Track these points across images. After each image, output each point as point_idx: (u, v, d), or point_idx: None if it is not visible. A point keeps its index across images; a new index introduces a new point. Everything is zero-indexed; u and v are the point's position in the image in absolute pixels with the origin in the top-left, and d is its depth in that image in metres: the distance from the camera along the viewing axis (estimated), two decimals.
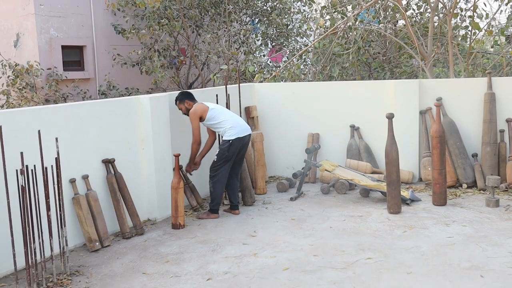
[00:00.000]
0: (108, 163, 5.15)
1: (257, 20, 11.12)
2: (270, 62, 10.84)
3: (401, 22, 10.21)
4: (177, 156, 5.39)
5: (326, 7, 9.60)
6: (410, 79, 8.65)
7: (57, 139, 4.16)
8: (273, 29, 10.94)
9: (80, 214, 4.77)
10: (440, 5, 8.86)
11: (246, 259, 4.44)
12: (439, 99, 6.64)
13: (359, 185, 6.06)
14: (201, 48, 10.42)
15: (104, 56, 9.80)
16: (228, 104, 6.39)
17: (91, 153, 5.01)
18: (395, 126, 5.69)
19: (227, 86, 6.55)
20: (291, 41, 11.17)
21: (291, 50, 10.93)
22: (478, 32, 8.45)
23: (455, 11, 8.29)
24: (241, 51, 10.44)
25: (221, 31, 10.09)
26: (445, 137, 5.85)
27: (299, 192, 6.40)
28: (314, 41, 9.74)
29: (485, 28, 8.60)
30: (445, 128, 6.28)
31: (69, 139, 4.76)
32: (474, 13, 8.30)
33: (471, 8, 8.40)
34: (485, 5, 8.90)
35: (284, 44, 11.12)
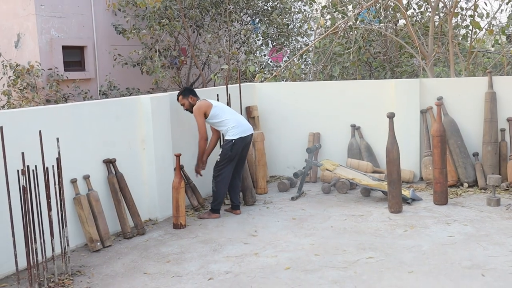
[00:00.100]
0: (109, 163, 5.16)
1: (257, 20, 11.12)
2: (270, 62, 10.84)
3: (401, 22, 10.20)
4: (178, 156, 5.39)
5: (326, 6, 9.61)
6: (411, 78, 8.64)
7: (58, 139, 4.16)
8: (273, 28, 10.94)
9: (81, 214, 4.77)
10: (441, 5, 8.86)
11: (247, 259, 4.45)
12: (440, 98, 6.64)
13: (360, 184, 6.06)
14: (201, 48, 10.42)
15: (105, 56, 9.81)
16: (229, 104, 6.39)
17: (92, 153, 5.01)
18: (396, 125, 5.69)
19: (228, 86, 6.56)
20: (291, 40, 11.18)
21: (292, 50, 10.94)
22: (478, 31, 8.44)
23: (455, 10, 8.29)
24: (241, 51, 10.44)
25: (221, 31, 10.10)
26: (446, 136, 5.84)
27: (300, 191, 6.40)
28: (314, 40, 9.74)
29: (485, 27, 8.60)
30: (446, 127, 6.28)
31: (70, 139, 4.76)
32: (475, 12, 8.30)
33: (472, 7, 8.40)
34: (486, 4, 8.95)
35: (285, 44, 11.13)
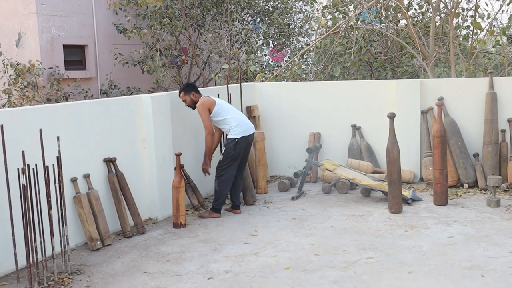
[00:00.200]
0: (110, 162, 5.16)
1: (258, 19, 11.12)
2: (271, 61, 10.83)
3: (402, 22, 10.20)
4: (178, 155, 5.39)
5: (327, 6, 9.61)
6: (412, 78, 8.65)
7: (58, 138, 4.16)
8: (274, 28, 10.94)
9: (81, 213, 4.77)
10: (442, 5, 8.85)
11: (247, 258, 4.45)
12: (441, 99, 6.64)
13: (360, 184, 6.06)
14: (202, 47, 10.43)
15: (105, 55, 9.81)
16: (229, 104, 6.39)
17: (92, 152, 5.01)
18: (396, 125, 5.69)
19: (229, 85, 6.56)
20: (292, 40, 11.18)
21: (293, 50, 10.94)
22: (479, 32, 8.44)
23: (456, 11, 8.29)
24: (242, 50, 10.44)
25: (222, 30, 10.10)
26: (446, 136, 5.84)
27: (300, 191, 6.40)
28: (315, 40, 9.74)
29: (486, 28, 8.60)
30: (446, 128, 6.27)
31: (70, 138, 4.76)
32: (476, 13, 8.29)
33: (473, 8, 8.39)
34: (487, 5, 8.90)
35: (286, 44, 11.12)
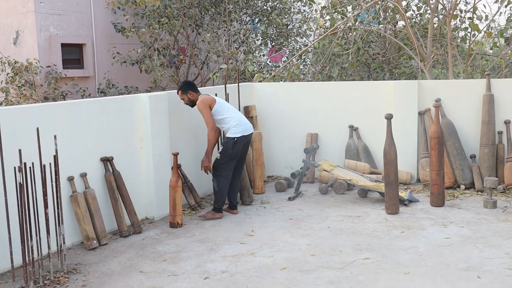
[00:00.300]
0: (107, 161, 5.15)
1: (257, 19, 11.12)
2: (269, 62, 10.84)
3: (400, 23, 10.21)
4: (175, 155, 5.39)
5: (326, 7, 9.61)
6: (409, 80, 8.65)
7: (55, 136, 4.16)
8: (273, 29, 10.94)
9: (78, 212, 4.77)
10: (440, 7, 8.87)
11: (244, 259, 4.44)
12: (438, 100, 6.65)
13: (357, 185, 6.06)
14: (200, 47, 10.42)
15: (103, 54, 9.79)
16: None
17: (89, 151, 5.01)
18: (394, 126, 5.70)
19: (227, 85, 6.56)
20: (290, 41, 11.18)
21: (291, 50, 10.95)
22: (477, 33, 8.46)
23: (454, 13, 8.30)
24: (240, 50, 10.44)
25: (221, 30, 10.09)
26: (443, 138, 5.85)
27: (297, 192, 6.40)
28: (313, 41, 9.75)
29: (484, 29, 8.62)
30: (443, 129, 6.28)
31: (67, 137, 4.76)
32: (474, 14, 8.31)
33: (471, 10, 8.41)
34: (485, 6, 8.92)
35: (284, 44, 11.13)
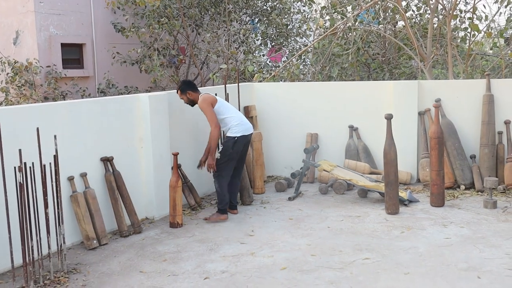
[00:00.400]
0: (107, 161, 5.15)
1: (257, 19, 11.12)
2: (269, 62, 10.84)
3: (400, 23, 10.21)
4: (175, 155, 5.39)
5: (326, 7, 9.61)
6: (409, 80, 8.65)
7: (55, 136, 4.16)
8: (272, 29, 10.94)
9: (78, 212, 4.77)
10: (440, 7, 8.87)
11: (244, 259, 4.44)
12: (438, 100, 6.65)
13: (357, 185, 6.06)
14: (200, 47, 10.42)
15: (103, 54, 9.79)
16: None
17: (89, 151, 5.01)
18: (393, 127, 5.70)
19: (226, 85, 6.56)
20: (290, 41, 11.18)
21: (291, 50, 10.95)
22: (477, 34, 8.46)
23: (454, 13, 8.31)
24: (240, 50, 10.44)
25: (220, 30, 10.09)
26: (443, 138, 5.85)
27: (297, 192, 6.40)
28: (313, 41, 9.75)
29: (484, 30, 8.62)
30: (443, 129, 6.28)
31: (67, 137, 4.76)
32: (474, 15, 8.32)
33: (471, 10, 8.42)
34: (485, 7, 8.92)
35: (284, 44, 11.12)
